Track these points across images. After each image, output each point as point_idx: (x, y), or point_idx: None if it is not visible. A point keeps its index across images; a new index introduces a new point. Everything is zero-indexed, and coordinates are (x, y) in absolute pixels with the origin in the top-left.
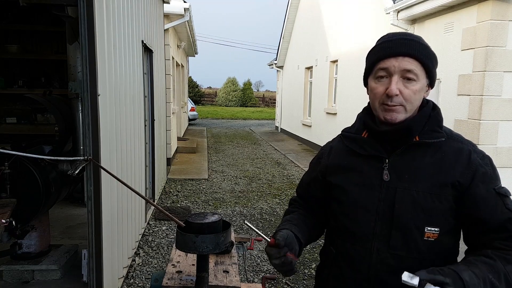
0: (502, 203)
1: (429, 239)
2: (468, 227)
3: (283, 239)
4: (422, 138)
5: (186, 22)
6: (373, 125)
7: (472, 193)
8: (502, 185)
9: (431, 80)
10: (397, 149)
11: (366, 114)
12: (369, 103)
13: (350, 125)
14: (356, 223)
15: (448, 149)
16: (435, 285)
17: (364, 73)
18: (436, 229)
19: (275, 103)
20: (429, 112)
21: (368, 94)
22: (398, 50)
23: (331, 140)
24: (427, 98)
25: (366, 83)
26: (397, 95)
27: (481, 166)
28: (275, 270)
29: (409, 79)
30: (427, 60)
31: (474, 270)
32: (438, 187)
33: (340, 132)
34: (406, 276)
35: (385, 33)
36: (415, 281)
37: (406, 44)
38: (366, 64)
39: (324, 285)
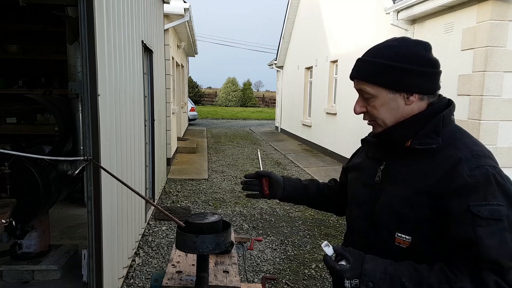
0: (471, 222)
1: (400, 245)
2: (438, 236)
3: (264, 171)
4: (412, 144)
5: (186, 22)
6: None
7: (444, 204)
8: (494, 204)
9: (400, 89)
10: (394, 154)
11: None
12: None
13: (350, 125)
14: (351, 218)
15: (441, 156)
16: (337, 257)
17: None
18: (407, 236)
19: (275, 103)
20: (424, 118)
21: None
22: (352, 74)
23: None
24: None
25: None
26: (360, 113)
27: (462, 177)
28: (275, 270)
29: (367, 98)
30: (374, 78)
31: (387, 266)
32: (415, 194)
33: (341, 133)
34: (324, 245)
35: (385, 33)
36: (330, 250)
37: (355, 67)
38: None
39: None
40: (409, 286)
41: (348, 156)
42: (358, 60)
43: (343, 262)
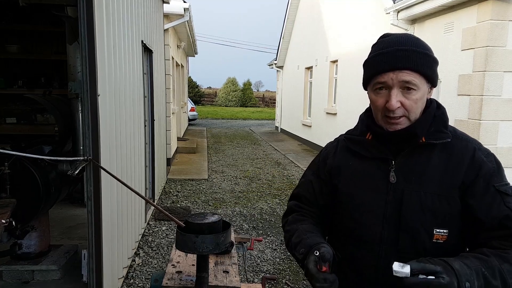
0: (501, 200)
1: (438, 241)
2: (468, 226)
3: (324, 252)
4: (429, 139)
5: (186, 22)
6: (377, 128)
7: (473, 190)
8: (508, 183)
9: (433, 82)
10: (403, 151)
11: (369, 117)
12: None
13: (350, 125)
14: (362, 227)
15: (454, 149)
16: (426, 274)
17: (362, 81)
18: (445, 230)
19: (275, 103)
20: (433, 112)
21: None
22: (393, 65)
23: (333, 140)
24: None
25: (365, 88)
26: (398, 107)
27: (484, 163)
28: (275, 270)
29: (409, 88)
30: (426, 68)
31: (465, 262)
32: (445, 188)
33: (341, 133)
34: (396, 266)
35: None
36: (406, 269)
37: (402, 57)
38: (363, 73)
39: None
40: (488, 276)
41: None
42: (406, 51)
43: (430, 277)
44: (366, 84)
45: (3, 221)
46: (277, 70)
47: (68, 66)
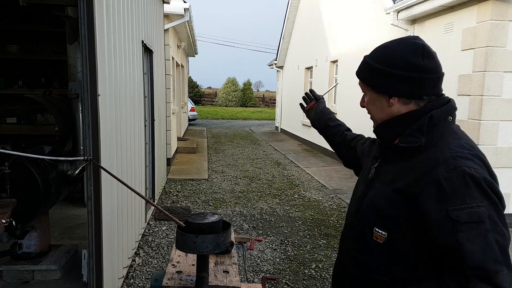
0: (451, 228)
1: (377, 240)
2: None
3: (318, 95)
4: (398, 142)
5: (186, 22)
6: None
7: (421, 206)
8: (475, 207)
9: (383, 92)
10: (389, 153)
11: None
12: None
13: (350, 125)
14: (348, 212)
15: (424, 156)
16: None
17: None
18: (383, 232)
19: (275, 103)
20: (406, 118)
21: None
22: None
23: None
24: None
25: None
26: (362, 106)
27: (438, 181)
28: (275, 270)
29: (363, 94)
30: (364, 78)
31: None
32: (392, 192)
33: None
34: None
35: (385, 33)
36: None
37: (359, 65)
38: None
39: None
40: None
41: None
42: (362, 60)
43: None
44: None
45: (3, 221)
46: (277, 70)
47: (68, 66)
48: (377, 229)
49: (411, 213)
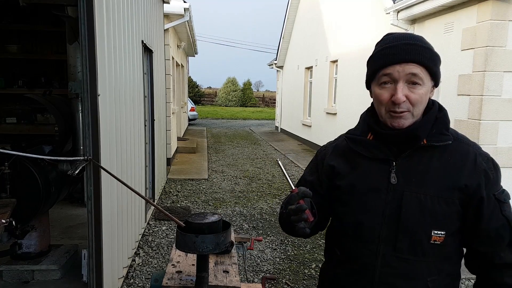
0: (499, 209)
1: (435, 242)
2: (467, 229)
3: (305, 189)
4: (430, 141)
5: (186, 22)
6: (379, 129)
7: (477, 197)
8: (503, 188)
9: (436, 81)
10: (404, 152)
11: (370, 117)
12: (372, 104)
13: (350, 125)
14: (362, 226)
15: (455, 152)
16: None
17: (366, 78)
18: (442, 232)
19: (275, 103)
20: (435, 114)
21: (371, 98)
22: (402, 57)
23: (332, 140)
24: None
25: (368, 87)
26: (404, 101)
27: (486, 171)
28: (275, 270)
29: (414, 83)
30: (431, 63)
31: None
32: (446, 191)
33: (342, 133)
34: None
35: (385, 33)
36: None
37: (409, 50)
38: (367, 70)
39: (328, 285)
40: None
41: None
42: (414, 45)
43: None
44: (370, 80)
45: (3, 221)
46: (277, 70)
47: (68, 66)
48: (435, 232)
49: (466, 207)
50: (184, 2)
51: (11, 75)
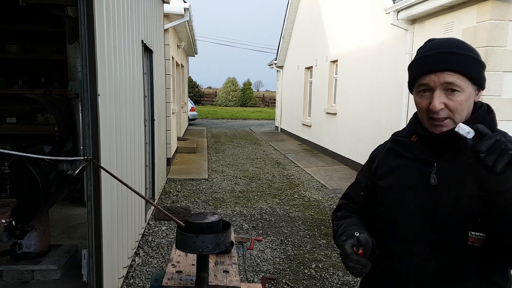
0: None
1: (473, 244)
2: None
3: (366, 238)
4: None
5: (186, 22)
6: (421, 131)
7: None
8: None
9: (479, 84)
10: (446, 153)
11: (416, 119)
12: None
13: (350, 125)
14: (399, 225)
15: None
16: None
17: (408, 84)
18: (481, 234)
19: (275, 103)
20: (483, 116)
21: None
22: (436, 67)
23: (382, 143)
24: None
25: (411, 92)
26: (442, 109)
27: None
28: (275, 270)
29: (453, 90)
30: (469, 70)
31: None
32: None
33: (342, 133)
34: (462, 126)
35: (385, 33)
36: (470, 134)
37: (443, 59)
38: (408, 77)
39: (365, 283)
40: None
41: (348, 155)
42: (448, 53)
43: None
44: (411, 88)
45: (3, 221)
46: (277, 70)
47: (68, 66)
48: (473, 233)
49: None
50: (184, 2)
51: (11, 75)
